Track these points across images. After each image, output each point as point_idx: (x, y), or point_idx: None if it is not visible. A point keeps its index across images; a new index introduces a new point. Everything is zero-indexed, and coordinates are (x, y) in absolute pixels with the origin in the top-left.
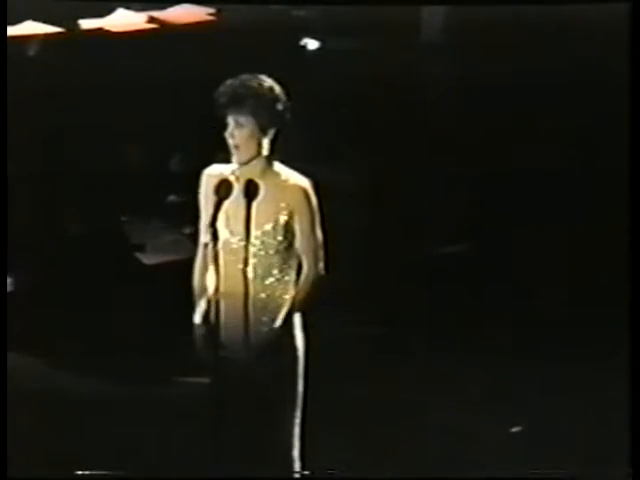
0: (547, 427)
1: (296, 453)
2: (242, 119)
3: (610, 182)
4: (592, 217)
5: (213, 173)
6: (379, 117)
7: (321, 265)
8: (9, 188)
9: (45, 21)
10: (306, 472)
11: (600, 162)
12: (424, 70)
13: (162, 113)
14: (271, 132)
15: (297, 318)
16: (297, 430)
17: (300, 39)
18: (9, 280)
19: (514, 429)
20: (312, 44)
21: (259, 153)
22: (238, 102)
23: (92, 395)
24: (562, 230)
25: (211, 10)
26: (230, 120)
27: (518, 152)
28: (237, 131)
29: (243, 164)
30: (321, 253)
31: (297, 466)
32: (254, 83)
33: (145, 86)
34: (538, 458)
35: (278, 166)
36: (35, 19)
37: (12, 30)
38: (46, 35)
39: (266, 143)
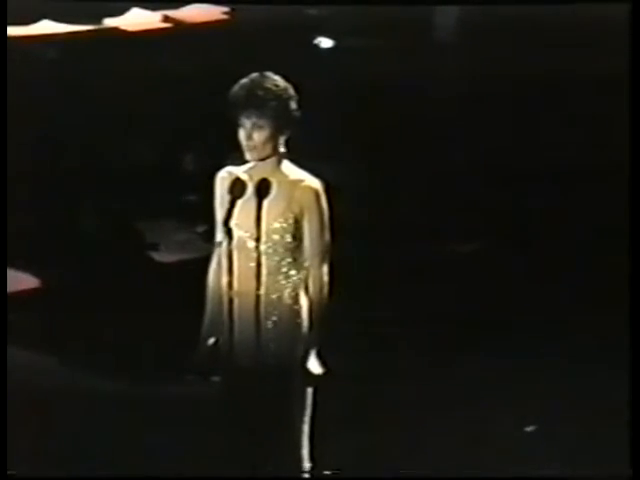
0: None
1: (305, 452)
2: (262, 121)
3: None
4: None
5: (226, 175)
6: (390, 117)
7: (325, 269)
8: (23, 186)
9: (58, 20)
10: (314, 472)
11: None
12: (436, 70)
13: (176, 112)
14: (287, 132)
15: (305, 316)
16: (306, 429)
17: (313, 38)
18: (23, 277)
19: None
20: (325, 43)
21: (275, 152)
22: (257, 105)
23: (100, 394)
24: (568, 228)
25: (225, 9)
26: (246, 122)
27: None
28: (256, 133)
29: (257, 162)
30: (327, 256)
31: (306, 466)
32: (270, 84)
33: (159, 85)
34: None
35: (290, 166)
36: (50, 18)
37: (26, 30)
38: (60, 34)
39: (282, 143)
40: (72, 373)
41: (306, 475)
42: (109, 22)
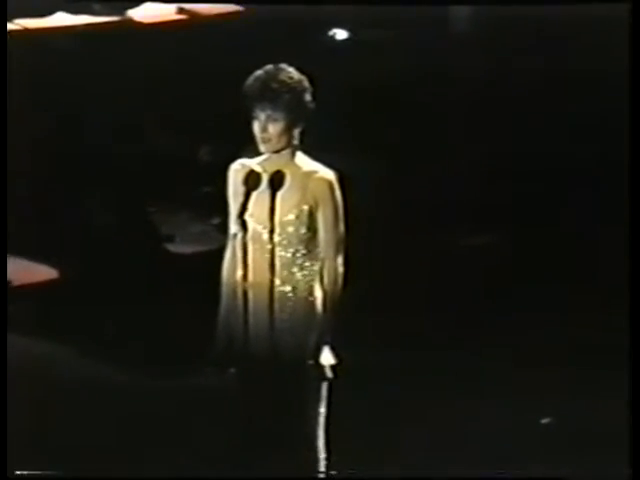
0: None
1: (321, 444)
2: (276, 114)
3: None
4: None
5: (239, 167)
6: (404, 109)
7: (340, 260)
8: (40, 178)
9: (75, 13)
10: (330, 464)
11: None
12: (450, 62)
13: (192, 104)
14: (302, 124)
15: (319, 308)
16: (321, 421)
17: (328, 30)
18: (40, 269)
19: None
20: (340, 35)
21: (289, 144)
22: (271, 97)
23: (116, 386)
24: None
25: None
26: (261, 114)
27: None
28: (270, 125)
29: (271, 154)
30: (341, 247)
31: (322, 457)
32: (284, 77)
33: (174, 77)
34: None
35: (304, 157)
36: (65, 11)
37: (42, 22)
38: (76, 27)
39: (296, 135)
40: (88, 364)
41: (321, 468)
42: (125, 15)
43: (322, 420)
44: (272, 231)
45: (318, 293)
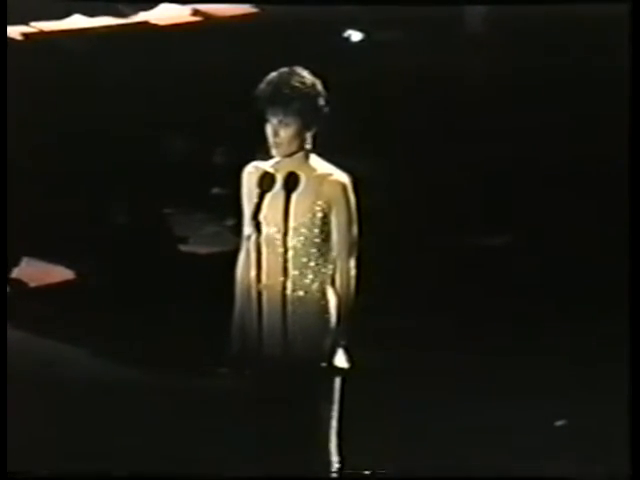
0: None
1: (333, 447)
2: (288, 119)
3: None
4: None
5: (253, 170)
6: (419, 111)
7: (353, 263)
8: (55, 179)
9: (91, 15)
10: (343, 466)
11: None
12: (464, 64)
13: (206, 105)
14: (314, 128)
15: (332, 310)
16: (334, 424)
17: (342, 31)
18: (55, 270)
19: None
20: (355, 36)
21: (301, 149)
22: (283, 102)
23: (131, 387)
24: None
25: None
26: (273, 118)
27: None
28: (282, 130)
29: (284, 158)
30: (354, 250)
31: (334, 460)
32: (297, 82)
33: (189, 78)
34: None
35: (318, 160)
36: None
37: (57, 25)
38: (92, 29)
39: (309, 139)
40: (103, 365)
41: (334, 469)
42: (139, 17)
43: (335, 422)
44: (285, 233)
45: (331, 296)
